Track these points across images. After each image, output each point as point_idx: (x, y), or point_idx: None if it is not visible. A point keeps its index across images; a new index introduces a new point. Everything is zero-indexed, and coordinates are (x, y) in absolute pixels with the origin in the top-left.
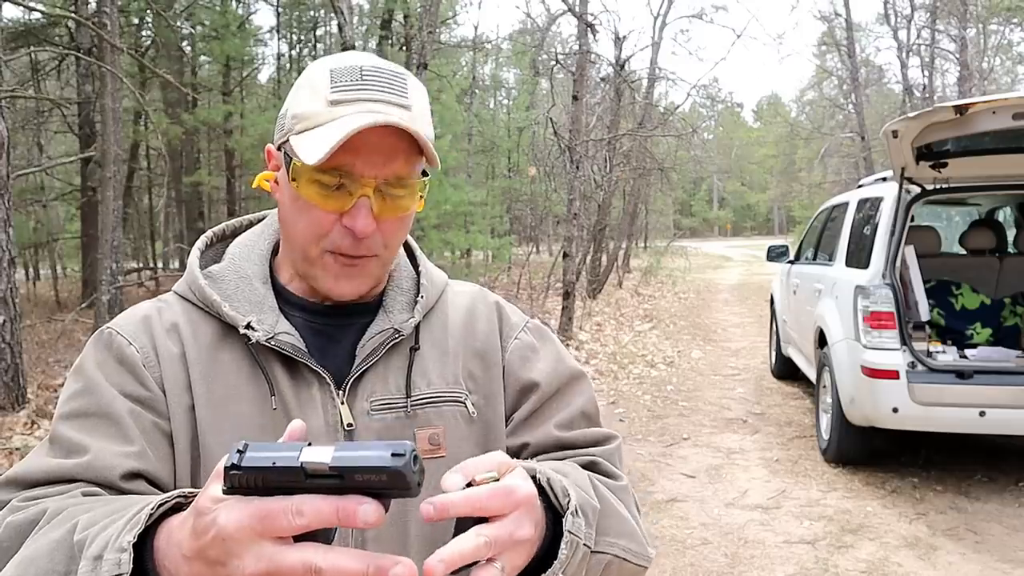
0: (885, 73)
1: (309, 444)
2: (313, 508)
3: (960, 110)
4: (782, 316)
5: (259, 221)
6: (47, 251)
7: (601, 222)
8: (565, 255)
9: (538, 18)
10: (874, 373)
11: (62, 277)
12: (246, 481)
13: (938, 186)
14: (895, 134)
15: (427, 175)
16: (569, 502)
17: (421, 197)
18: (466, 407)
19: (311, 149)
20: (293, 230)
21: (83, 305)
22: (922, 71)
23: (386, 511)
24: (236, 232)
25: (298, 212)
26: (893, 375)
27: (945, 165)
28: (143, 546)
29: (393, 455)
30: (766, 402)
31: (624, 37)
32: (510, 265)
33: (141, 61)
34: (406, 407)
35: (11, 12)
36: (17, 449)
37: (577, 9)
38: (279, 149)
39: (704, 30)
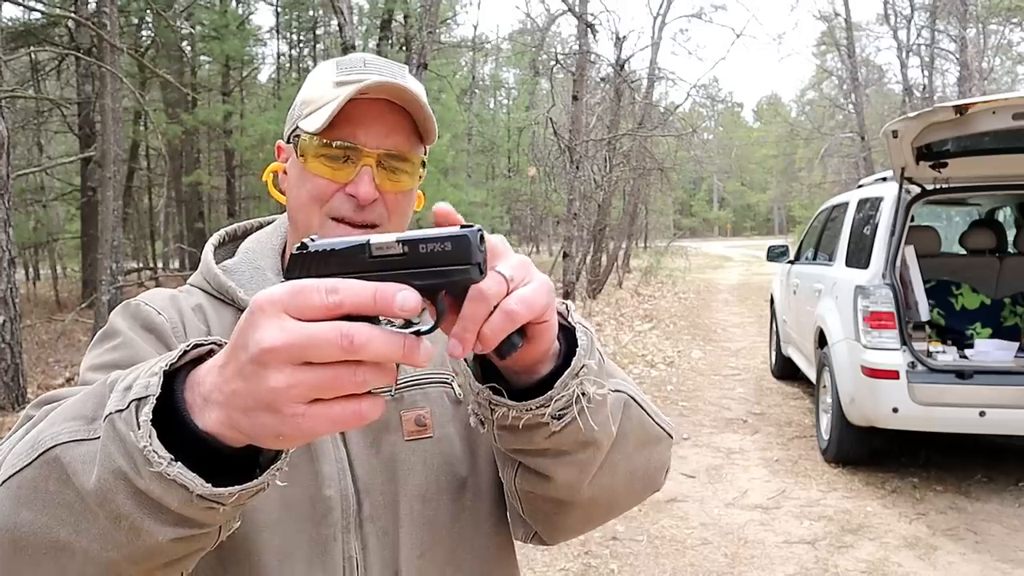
0: (885, 73)
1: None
2: (349, 286)
3: (960, 110)
4: (782, 316)
5: (269, 224)
6: (47, 251)
7: (601, 222)
8: (565, 255)
9: (538, 18)
10: (874, 373)
11: (62, 277)
12: (310, 263)
13: (938, 186)
14: (895, 134)
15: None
16: (568, 309)
17: (419, 177)
18: (452, 388)
19: (316, 121)
20: (296, 203)
21: (83, 305)
22: (922, 71)
23: (439, 315)
24: (247, 233)
25: (302, 184)
26: (893, 375)
27: (945, 165)
28: (173, 388)
29: (462, 226)
30: (766, 402)
31: (624, 37)
32: None
33: (141, 61)
34: (391, 389)
35: (11, 12)
36: None
37: (577, 9)
38: (288, 141)
39: (703, 30)
